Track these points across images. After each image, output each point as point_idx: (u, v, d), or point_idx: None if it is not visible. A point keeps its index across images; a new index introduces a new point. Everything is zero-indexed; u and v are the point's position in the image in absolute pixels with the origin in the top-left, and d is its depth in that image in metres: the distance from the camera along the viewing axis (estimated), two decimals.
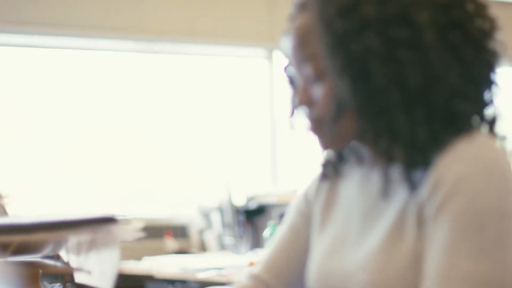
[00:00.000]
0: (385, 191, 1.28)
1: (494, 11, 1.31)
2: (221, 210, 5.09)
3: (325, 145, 1.34)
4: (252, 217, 5.02)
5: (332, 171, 1.44)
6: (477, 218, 1.14)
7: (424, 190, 1.21)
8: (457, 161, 1.18)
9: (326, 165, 1.45)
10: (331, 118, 1.27)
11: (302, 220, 1.48)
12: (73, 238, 1.51)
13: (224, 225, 5.07)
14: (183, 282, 4.03)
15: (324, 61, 1.25)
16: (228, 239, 5.02)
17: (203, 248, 5.25)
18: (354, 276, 1.26)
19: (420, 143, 1.21)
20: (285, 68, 1.40)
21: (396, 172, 1.27)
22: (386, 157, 1.26)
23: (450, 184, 1.17)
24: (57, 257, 1.62)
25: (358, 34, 1.21)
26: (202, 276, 3.89)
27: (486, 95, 1.28)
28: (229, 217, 5.00)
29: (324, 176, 1.45)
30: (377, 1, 1.21)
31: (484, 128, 1.28)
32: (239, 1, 5.48)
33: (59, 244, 1.54)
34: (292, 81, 1.39)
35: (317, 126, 1.31)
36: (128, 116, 5.56)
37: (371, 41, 1.20)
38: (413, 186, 1.24)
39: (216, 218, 5.16)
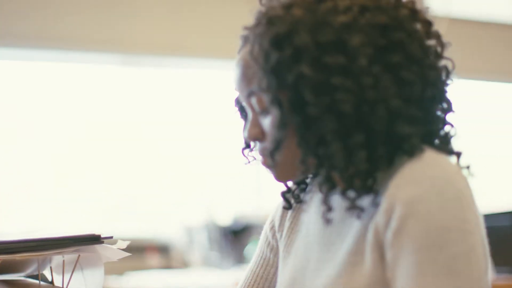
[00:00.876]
0: (326, 219, 1.26)
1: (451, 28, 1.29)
2: (205, 227, 5.08)
3: (278, 177, 1.34)
4: (236, 234, 5.02)
5: (293, 200, 1.45)
6: (436, 237, 1.13)
7: (378, 216, 1.20)
8: (408, 183, 1.16)
9: (287, 194, 1.46)
10: (273, 149, 1.26)
11: (268, 249, 1.49)
12: (57, 257, 1.50)
13: (207, 241, 5.05)
14: None
15: (264, 94, 1.25)
16: (212, 255, 5.01)
17: (186, 264, 5.24)
18: None
19: (359, 169, 1.19)
20: (235, 101, 1.41)
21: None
22: (327, 184, 1.25)
23: (404, 207, 1.15)
24: (41, 277, 1.60)
25: (292, 63, 1.19)
26: None
27: (434, 114, 1.27)
28: (212, 234, 5.00)
29: (286, 205, 1.46)
30: (310, 29, 1.19)
31: (437, 146, 1.27)
32: (220, 18, 5.51)
33: (43, 263, 1.52)
34: (243, 114, 1.40)
35: (267, 159, 1.30)
36: (114, 131, 5.55)
37: (304, 69, 1.18)
38: (358, 212, 1.22)
39: (199, 235, 5.15)
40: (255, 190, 5.67)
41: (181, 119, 5.71)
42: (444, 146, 1.28)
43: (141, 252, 5.11)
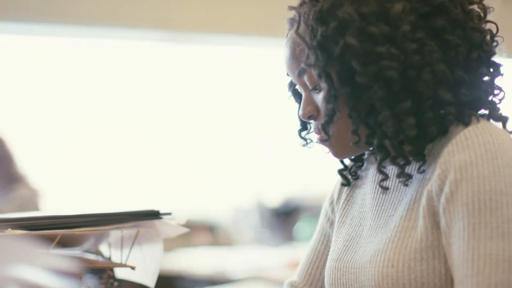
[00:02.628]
0: (382, 186, 1.33)
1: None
2: (254, 208, 5.10)
3: (335, 154, 1.36)
4: (285, 215, 5.02)
5: (350, 176, 1.48)
6: (488, 201, 1.15)
7: (432, 182, 1.22)
8: (461, 149, 1.19)
9: (344, 171, 1.49)
10: (326, 122, 1.29)
11: (328, 225, 1.52)
12: (115, 233, 1.49)
13: (257, 221, 5.06)
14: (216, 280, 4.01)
15: (313, 69, 1.28)
16: (261, 234, 5.02)
17: (235, 243, 5.25)
18: (365, 270, 1.28)
19: (408, 135, 1.23)
20: (288, 85, 1.45)
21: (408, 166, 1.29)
22: (381, 153, 1.28)
23: (457, 172, 1.18)
24: (98, 252, 1.60)
25: (338, 36, 1.23)
26: (238, 275, 3.88)
27: (481, 77, 1.28)
28: (262, 214, 5.01)
29: (344, 182, 1.49)
30: (353, 1, 1.24)
31: (486, 113, 1.29)
32: None
33: (100, 238, 1.52)
34: (296, 97, 1.44)
35: (322, 134, 1.33)
36: (168, 108, 5.57)
37: (350, 40, 1.22)
38: (406, 179, 1.27)
39: (249, 215, 5.17)
40: (305, 172, 5.65)
41: (227, 99, 5.70)
42: (492, 111, 1.30)
43: (192, 232, 5.13)
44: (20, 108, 5.23)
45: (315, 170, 5.46)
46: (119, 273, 1.58)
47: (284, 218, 5.01)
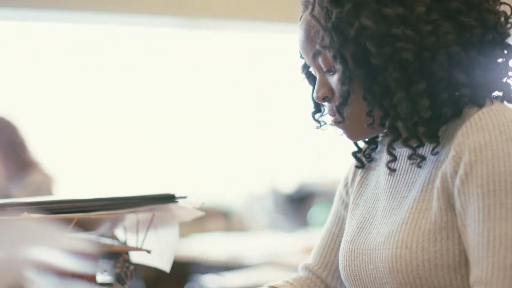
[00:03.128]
0: (390, 168, 1.33)
1: None
2: (268, 193, 5.10)
3: (349, 136, 1.36)
4: (299, 201, 5.02)
5: (365, 159, 1.48)
6: (503, 182, 1.15)
7: (447, 164, 1.22)
8: (476, 131, 1.19)
9: (358, 154, 1.49)
10: (340, 104, 1.29)
11: (343, 207, 1.52)
12: (131, 217, 1.49)
13: (271, 206, 5.07)
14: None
15: (327, 51, 1.28)
16: (275, 220, 5.02)
17: (249, 228, 5.26)
18: (379, 251, 1.28)
19: (423, 117, 1.23)
20: (302, 68, 1.44)
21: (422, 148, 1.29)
22: (392, 134, 1.28)
23: (471, 154, 1.18)
24: (113, 237, 1.60)
25: (353, 18, 1.23)
26: (253, 260, 3.88)
27: (495, 59, 1.28)
28: (276, 200, 5.01)
29: (359, 164, 1.49)
30: None
31: (500, 95, 1.29)
32: None
33: (116, 222, 1.52)
34: (310, 80, 1.43)
35: (336, 116, 1.33)
36: (180, 95, 5.57)
37: (365, 22, 1.22)
38: (420, 161, 1.27)
39: (263, 201, 5.17)
40: (319, 157, 5.64)
41: (242, 84, 5.69)
42: (507, 93, 1.29)
43: (206, 217, 5.14)
44: (33, 94, 5.24)
45: (329, 155, 5.45)
46: (135, 257, 1.58)
47: (299, 204, 5.01)
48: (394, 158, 1.32)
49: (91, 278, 1.41)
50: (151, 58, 5.56)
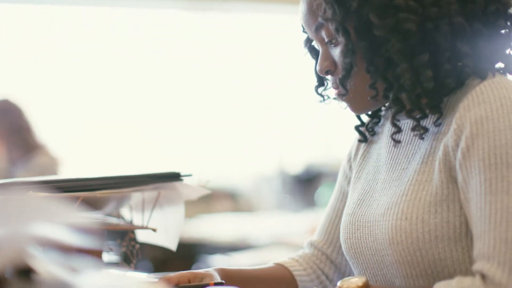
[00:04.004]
0: (395, 139, 1.33)
1: None
2: (276, 174, 5.10)
3: (353, 109, 1.36)
4: (307, 182, 5.02)
5: (368, 133, 1.47)
6: (504, 155, 1.14)
7: (448, 136, 1.21)
8: (477, 104, 1.18)
9: (361, 127, 1.48)
10: (343, 77, 1.29)
11: (346, 182, 1.52)
12: (137, 195, 1.49)
13: (279, 187, 5.07)
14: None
15: (330, 24, 1.27)
16: (283, 200, 5.02)
17: (256, 209, 5.26)
18: (378, 223, 1.28)
19: (426, 88, 1.23)
20: (304, 42, 1.43)
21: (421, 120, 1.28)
22: (396, 106, 1.27)
23: (472, 127, 1.17)
24: (119, 216, 1.60)
25: None
26: (260, 241, 3.89)
27: (498, 31, 1.26)
28: (283, 181, 5.01)
29: (361, 138, 1.48)
30: None
31: (502, 67, 1.28)
32: None
33: (122, 201, 1.52)
34: (313, 54, 1.42)
35: (340, 89, 1.32)
36: (186, 75, 5.56)
37: None
38: (422, 132, 1.26)
39: (270, 181, 5.17)
40: (326, 138, 5.63)
41: (249, 65, 5.68)
42: (509, 65, 1.28)
43: (213, 198, 5.15)
44: (38, 77, 5.24)
45: (336, 136, 5.45)
46: (141, 236, 1.58)
47: (306, 184, 5.01)
48: (398, 130, 1.32)
49: (98, 254, 1.41)
50: (155, 40, 5.55)
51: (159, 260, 3.96)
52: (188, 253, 4.15)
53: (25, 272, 0.80)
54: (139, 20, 5.52)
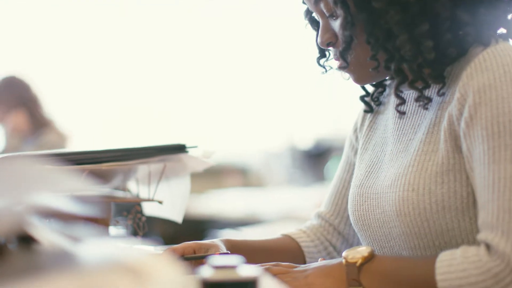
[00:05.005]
0: (399, 111, 1.32)
1: None
2: (286, 150, 5.10)
3: (356, 80, 1.35)
4: (316, 157, 5.02)
5: (373, 103, 1.47)
6: (507, 123, 1.13)
7: (452, 105, 1.20)
8: (480, 72, 1.17)
9: (366, 98, 1.48)
10: (344, 49, 1.28)
11: (353, 153, 1.51)
12: (143, 168, 1.49)
13: (289, 162, 5.06)
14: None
15: None
16: (292, 175, 5.02)
17: (266, 184, 5.26)
18: (386, 195, 1.27)
19: (427, 58, 1.21)
20: (305, 13, 1.42)
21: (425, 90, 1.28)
22: (398, 77, 1.26)
23: (476, 95, 1.16)
24: (126, 189, 1.60)
25: None
26: (270, 216, 3.89)
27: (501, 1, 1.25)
28: (293, 156, 5.00)
29: (367, 109, 1.48)
30: None
31: (505, 33, 1.26)
32: None
33: (128, 174, 1.51)
34: (313, 25, 1.41)
35: (341, 61, 1.31)
36: (196, 54, 5.54)
37: None
38: (426, 102, 1.25)
39: (280, 157, 5.17)
40: (335, 113, 5.62)
41: (259, 40, 5.66)
42: (511, 30, 1.26)
43: (223, 174, 5.16)
44: (45, 52, 5.23)
45: (346, 110, 5.43)
46: (148, 209, 1.58)
47: (315, 159, 5.01)
48: (402, 101, 1.31)
49: (104, 223, 1.42)
50: (166, 10, 5.52)
51: (169, 235, 3.97)
52: (198, 229, 4.17)
53: (27, 242, 0.80)
54: None
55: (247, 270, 0.87)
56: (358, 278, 1.20)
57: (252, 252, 1.42)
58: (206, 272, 0.86)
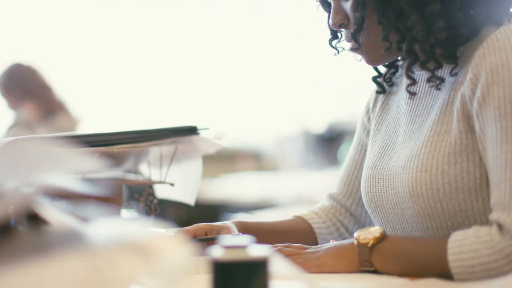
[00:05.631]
0: (410, 91, 1.32)
1: None
2: (299, 134, 5.09)
3: (368, 61, 1.34)
4: (329, 140, 5.01)
5: (385, 83, 1.46)
6: None
7: (465, 85, 1.19)
8: (493, 52, 1.16)
9: (379, 78, 1.47)
10: (355, 30, 1.28)
11: (365, 134, 1.50)
12: (155, 151, 1.48)
13: (302, 146, 5.06)
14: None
15: None
16: (305, 159, 5.01)
17: (279, 168, 5.26)
18: (399, 176, 1.26)
19: (438, 38, 1.21)
20: None
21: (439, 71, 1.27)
22: (410, 57, 1.26)
23: (488, 75, 1.15)
24: (138, 172, 1.60)
25: None
26: (283, 199, 3.89)
27: None
28: (306, 140, 5.00)
29: (379, 89, 1.47)
30: None
31: None
32: None
33: (140, 157, 1.51)
34: (325, 7, 1.40)
35: (354, 44, 1.31)
36: (209, 37, 5.53)
37: None
38: (438, 83, 1.25)
39: (293, 141, 5.16)
40: (348, 97, 5.59)
41: (274, 23, 5.63)
42: None
43: (237, 158, 5.16)
44: (53, 37, 5.23)
45: (359, 94, 5.40)
46: (160, 192, 1.58)
47: (329, 143, 5.00)
48: (413, 82, 1.31)
49: (117, 205, 1.42)
50: None
51: (183, 219, 3.98)
52: (212, 213, 4.17)
53: (36, 222, 0.80)
54: None
55: (257, 250, 0.86)
56: (369, 259, 1.20)
57: (264, 233, 1.42)
58: (216, 252, 0.86)
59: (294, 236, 1.46)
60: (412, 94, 1.32)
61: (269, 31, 5.67)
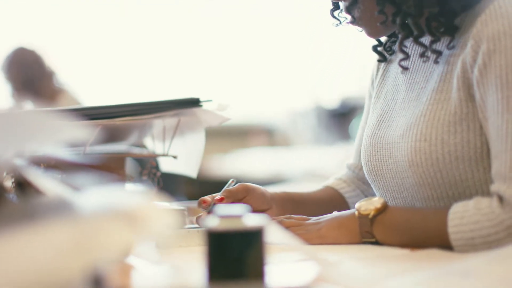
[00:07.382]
0: (401, 66, 1.32)
1: None
2: (311, 109, 5.08)
3: (369, 33, 1.33)
4: (342, 116, 4.99)
5: (386, 52, 1.45)
6: None
7: (466, 52, 1.17)
8: (494, 19, 1.14)
9: (379, 47, 1.46)
10: (350, 5, 1.27)
11: (371, 103, 1.49)
12: (158, 124, 1.48)
13: (314, 122, 5.05)
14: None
15: None
16: (318, 134, 5.00)
17: (294, 143, 5.26)
18: (398, 145, 1.26)
19: (433, 11, 1.21)
20: None
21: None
22: (404, 31, 1.25)
23: (489, 43, 1.13)
24: (142, 145, 1.60)
25: None
26: (295, 174, 3.89)
27: None
28: (319, 115, 4.98)
29: (380, 58, 1.46)
30: None
31: None
32: None
33: (143, 130, 1.50)
34: None
35: (350, 16, 1.31)
36: (221, 18, 5.51)
37: None
38: (436, 56, 1.23)
39: (305, 116, 5.15)
40: (360, 72, 5.56)
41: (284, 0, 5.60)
42: None
43: (249, 134, 5.15)
44: (53, 21, 5.22)
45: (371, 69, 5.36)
46: (163, 165, 1.58)
47: (341, 118, 4.98)
48: (406, 56, 1.30)
49: (120, 178, 1.41)
50: None
51: (194, 195, 3.98)
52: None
53: (27, 191, 0.79)
54: None
55: (253, 220, 0.85)
56: (371, 230, 1.20)
57: (303, 204, 1.44)
58: (211, 222, 0.85)
59: (330, 205, 1.46)
60: (404, 68, 1.32)
61: (283, 6, 5.63)
